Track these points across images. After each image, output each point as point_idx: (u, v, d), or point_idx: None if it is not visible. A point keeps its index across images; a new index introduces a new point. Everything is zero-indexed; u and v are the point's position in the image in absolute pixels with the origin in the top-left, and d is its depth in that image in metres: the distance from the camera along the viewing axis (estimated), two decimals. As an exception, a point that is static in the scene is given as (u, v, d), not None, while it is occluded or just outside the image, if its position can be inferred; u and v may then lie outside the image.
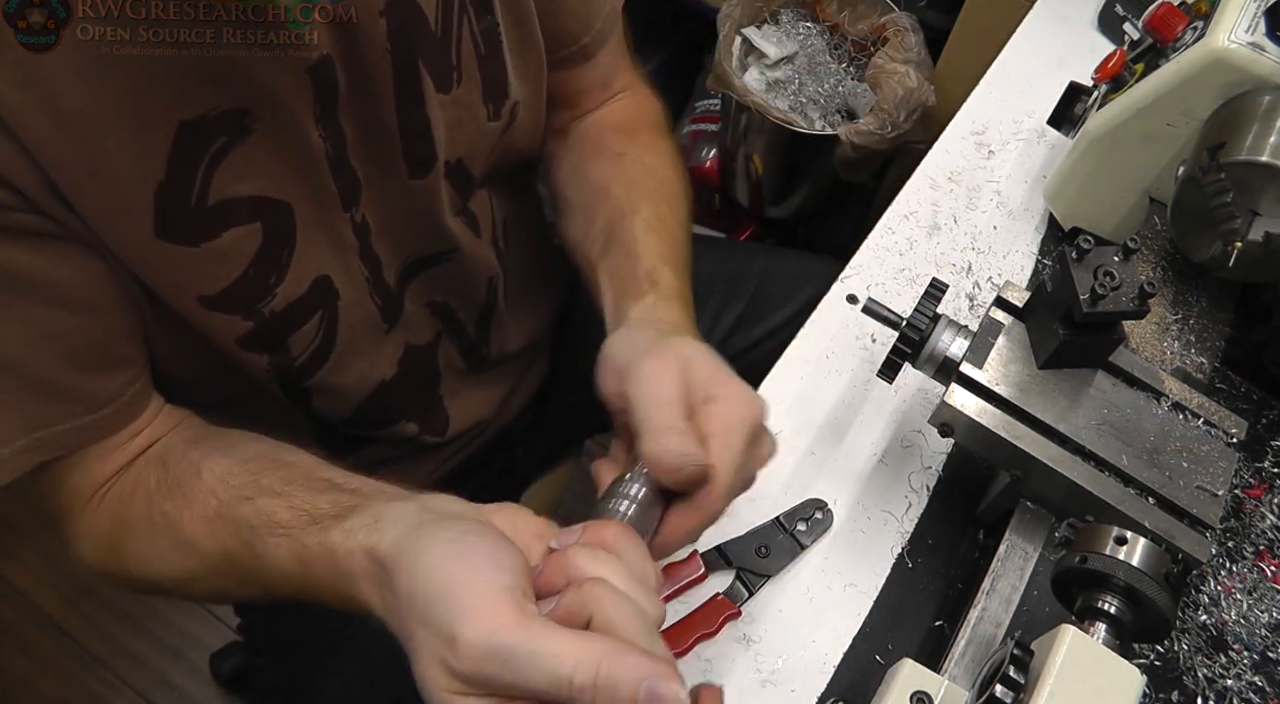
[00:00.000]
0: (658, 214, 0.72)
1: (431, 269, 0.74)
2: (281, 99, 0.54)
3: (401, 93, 0.60)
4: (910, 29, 1.50)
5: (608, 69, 0.80)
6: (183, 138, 0.52)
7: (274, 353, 0.65)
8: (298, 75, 0.54)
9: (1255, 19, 0.68)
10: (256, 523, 0.53)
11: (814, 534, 0.69)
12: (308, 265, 0.63)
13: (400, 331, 0.75)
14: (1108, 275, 0.58)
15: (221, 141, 0.54)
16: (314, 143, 0.58)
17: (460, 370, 0.85)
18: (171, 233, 0.54)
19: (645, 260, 0.67)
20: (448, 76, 0.63)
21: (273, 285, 0.61)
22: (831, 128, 1.56)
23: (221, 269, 0.58)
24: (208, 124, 0.52)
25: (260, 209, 0.58)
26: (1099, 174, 0.80)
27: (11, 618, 1.55)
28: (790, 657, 0.65)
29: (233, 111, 0.53)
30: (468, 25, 0.64)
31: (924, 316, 0.63)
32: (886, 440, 0.75)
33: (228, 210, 0.56)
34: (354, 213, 0.64)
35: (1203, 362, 0.71)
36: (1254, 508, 0.72)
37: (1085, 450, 0.60)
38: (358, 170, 0.62)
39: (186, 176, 0.53)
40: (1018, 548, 0.62)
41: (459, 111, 0.66)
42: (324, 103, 0.57)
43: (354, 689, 0.82)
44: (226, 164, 0.54)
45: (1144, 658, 0.64)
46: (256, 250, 0.59)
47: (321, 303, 0.66)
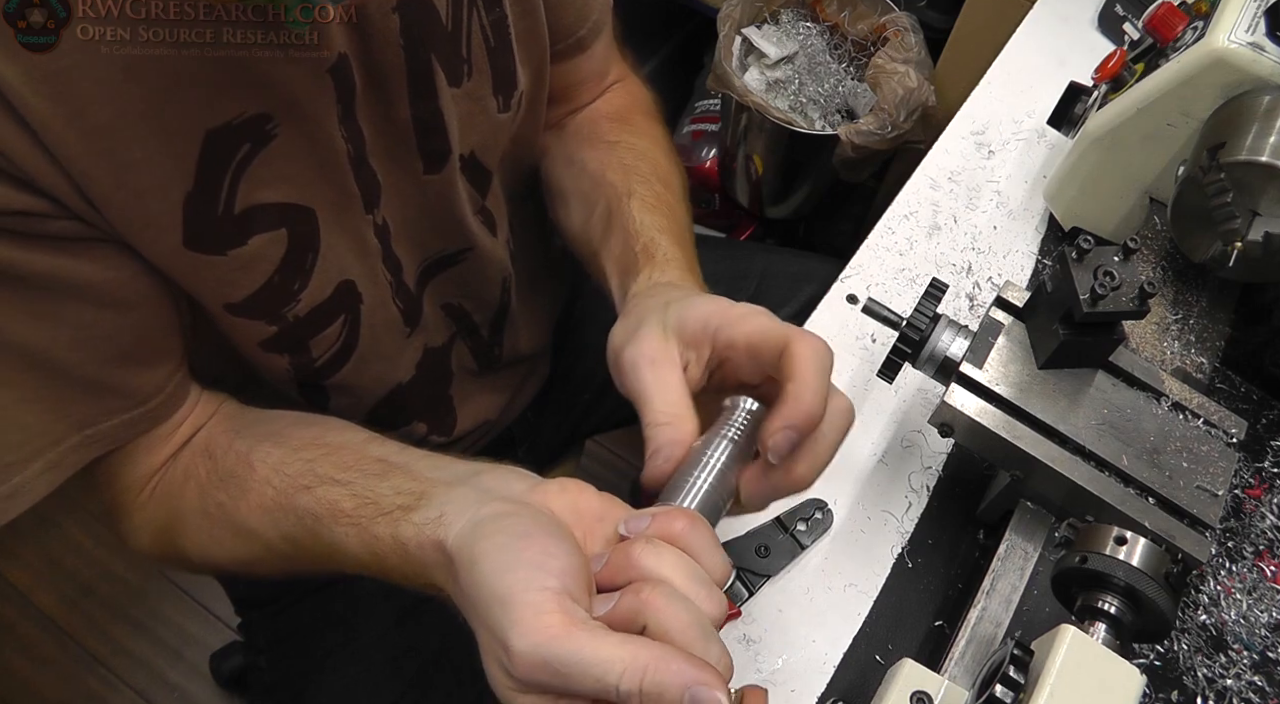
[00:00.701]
0: (653, 192, 0.72)
1: (449, 270, 0.74)
2: (303, 102, 0.54)
3: (415, 88, 0.60)
4: (910, 29, 1.50)
5: (602, 62, 0.81)
6: (210, 146, 0.52)
7: (295, 354, 0.66)
8: (320, 77, 0.54)
9: (1255, 19, 0.68)
10: (320, 512, 0.53)
11: (814, 534, 0.69)
12: (331, 270, 0.63)
13: (420, 334, 0.76)
14: (1108, 275, 0.58)
15: (246, 148, 0.54)
16: (337, 145, 0.58)
17: (472, 371, 0.85)
18: (200, 242, 0.54)
19: (642, 236, 0.67)
20: (459, 69, 0.63)
21: (297, 291, 0.61)
22: (831, 128, 1.56)
23: (247, 277, 0.58)
24: (232, 131, 0.52)
25: (286, 214, 0.58)
26: (1099, 174, 0.80)
27: (12, 618, 1.55)
28: (790, 657, 0.65)
29: (255, 117, 0.53)
30: (477, 18, 0.64)
31: (924, 316, 0.63)
32: (886, 440, 0.75)
33: (254, 217, 0.56)
34: (375, 215, 0.64)
35: (1203, 361, 0.71)
36: (1254, 508, 0.72)
37: (1085, 450, 0.60)
38: (376, 170, 0.62)
39: (214, 185, 0.53)
40: (1018, 548, 0.62)
41: (470, 104, 0.66)
42: (345, 103, 0.57)
43: (354, 689, 0.82)
44: (252, 170, 0.54)
45: (1144, 658, 0.64)
46: (282, 256, 0.59)
47: (344, 307, 0.66)
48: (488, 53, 0.65)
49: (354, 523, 0.52)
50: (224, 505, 0.58)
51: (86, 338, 0.53)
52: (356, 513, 0.52)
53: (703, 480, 0.49)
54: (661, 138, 0.81)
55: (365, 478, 0.54)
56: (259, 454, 0.58)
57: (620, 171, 0.74)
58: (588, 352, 1.02)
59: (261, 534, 0.57)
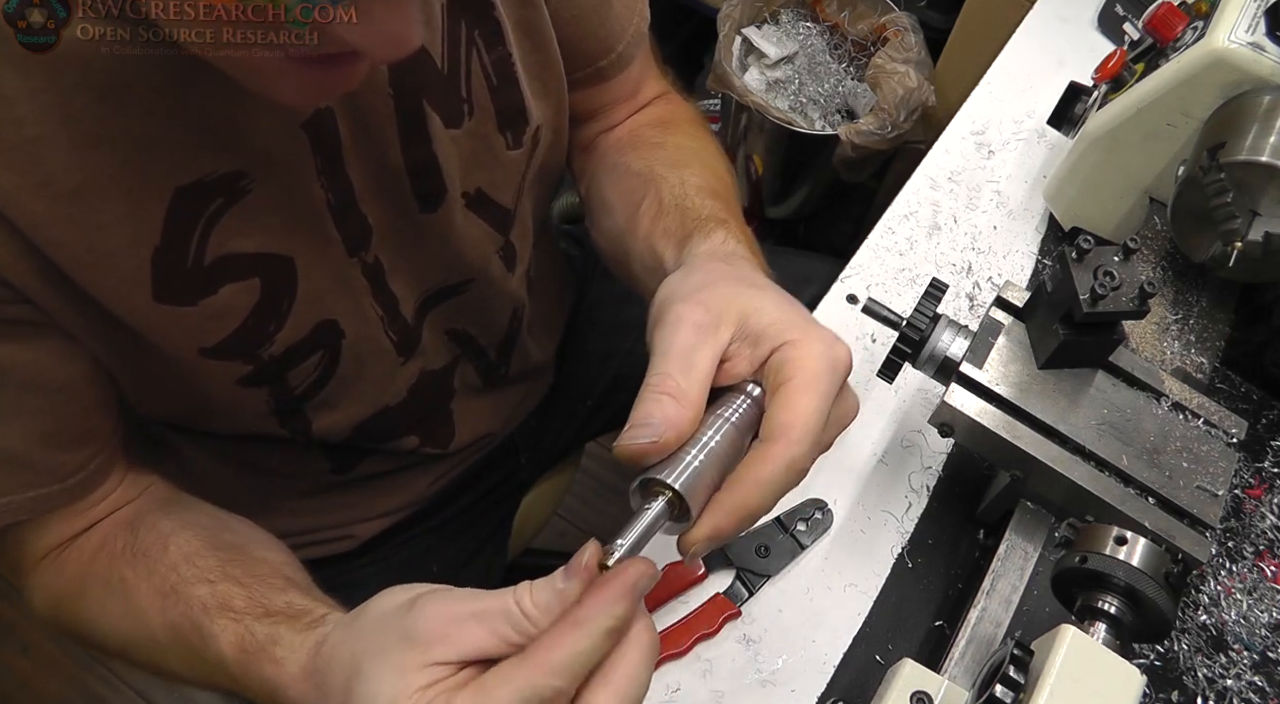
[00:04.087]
0: (708, 181, 0.69)
1: (452, 299, 0.73)
2: (278, 157, 0.54)
3: (406, 134, 0.60)
4: (910, 29, 1.50)
5: (634, 83, 0.78)
6: (178, 203, 0.51)
7: (275, 385, 0.65)
8: (293, 132, 0.54)
9: (1255, 19, 0.68)
10: (211, 605, 0.54)
11: (814, 534, 0.69)
12: (309, 312, 0.62)
13: (417, 360, 0.75)
14: (1108, 275, 0.58)
15: (219, 203, 0.53)
16: (315, 195, 0.57)
17: (477, 388, 0.84)
18: (169, 295, 0.54)
19: (704, 211, 0.64)
20: (457, 111, 0.62)
21: (272, 333, 0.61)
22: (831, 128, 1.56)
23: (219, 324, 0.58)
24: (203, 188, 0.52)
25: (259, 264, 0.57)
26: (1099, 174, 0.80)
27: (12, 618, 1.55)
28: (790, 657, 0.65)
29: (229, 175, 0.53)
30: (477, 58, 0.62)
31: (924, 316, 0.63)
32: (886, 440, 0.75)
33: (226, 267, 0.56)
34: (364, 255, 0.64)
35: (1203, 362, 0.71)
36: (1254, 508, 0.72)
37: (1085, 450, 0.60)
38: (368, 215, 0.62)
39: (183, 240, 0.53)
40: (1018, 548, 0.62)
41: (474, 143, 0.65)
42: (326, 155, 0.57)
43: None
44: (224, 223, 0.54)
45: (1144, 658, 0.64)
46: (255, 304, 0.58)
47: (324, 344, 0.65)
48: (490, 91, 0.64)
49: (237, 619, 0.52)
50: (126, 581, 0.58)
51: (11, 416, 0.53)
52: (243, 610, 0.52)
53: (697, 459, 0.44)
54: (710, 142, 0.78)
55: (268, 588, 0.54)
56: (178, 540, 0.58)
57: (670, 166, 0.70)
58: (591, 357, 1.01)
59: (148, 619, 0.56)
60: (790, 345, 0.47)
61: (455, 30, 0.60)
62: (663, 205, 0.66)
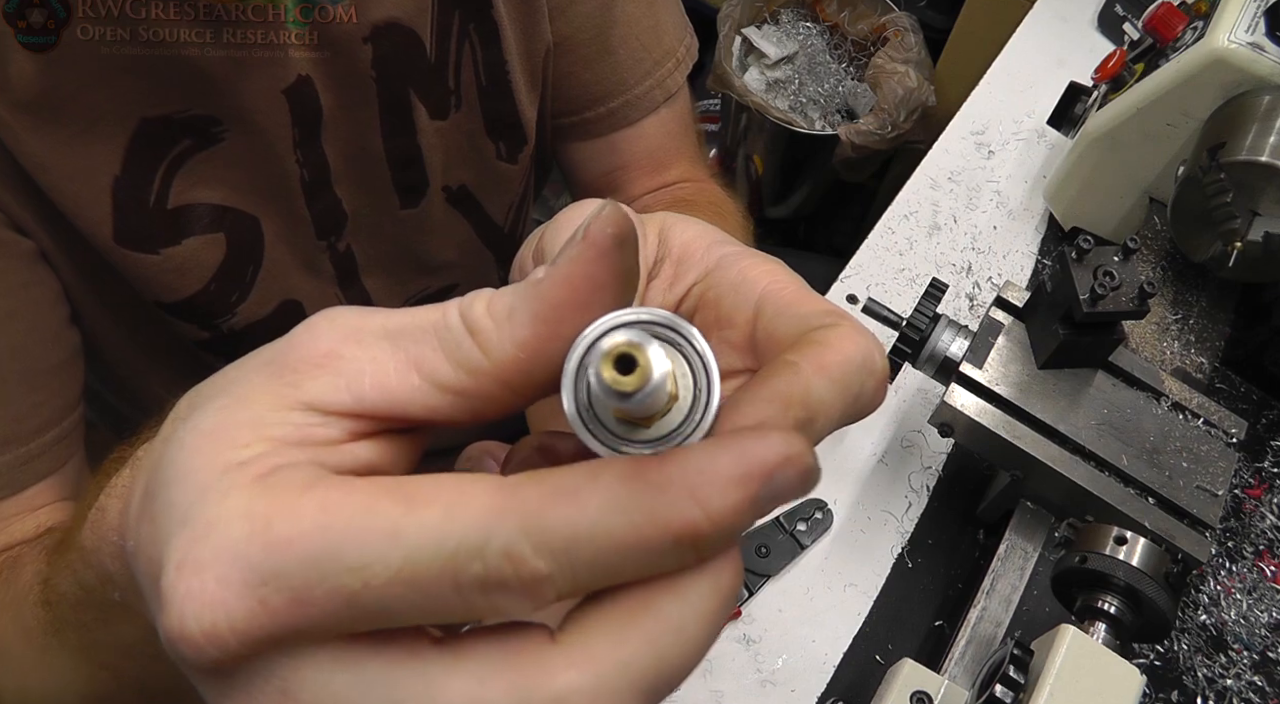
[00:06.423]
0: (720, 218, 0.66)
1: None
2: (255, 117, 0.54)
3: (389, 121, 0.59)
4: (910, 29, 1.50)
5: (652, 152, 0.72)
6: (142, 134, 0.51)
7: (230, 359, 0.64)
8: (274, 96, 0.54)
9: (1255, 19, 0.68)
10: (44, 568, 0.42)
11: (814, 534, 0.69)
12: (274, 287, 0.61)
13: None
14: (1108, 275, 0.58)
15: (186, 144, 0.53)
16: (289, 169, 0.57)
17: None
18: (131, 238, 0.53)
19: None
20: (444, 102, 0.62)
21: (234, 303, 0.60)
22: (831, 128, 1.56)
23: (181, 280, 0.57)
24: (171, 124, 0.52)
25: (224, 219, 0.57)
26: (1099, 174, 0.80)
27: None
28: (790, 657, 0.65)
29: (202, 117, 0.52)
30: (470, 52, 0.62)
31: (924, 316, 0.63)
32: (886, 440, 0.75)
33: (189, 216, 0.55)
34: (335, 242, 0.63)
35: (1203, 362, 0.71)
36: (1254, 508, 0.72)
37: (1085, 450, 0.60)
38: (343, 199, 0.61)
39: (145, 175, 0.53)
40: (1018, 548, 0.62)
41: (459, 136, 0.64)
42: (304, 127, 0.56)
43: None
44: (190, 167, 0.54)
45: (1144, 658, 0.64)
46: (219, 263, 0.58)
47: (286, 327, 0.64)
48: (479, 90, 0.63)
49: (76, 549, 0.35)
50: None
51: None
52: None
53: None
54: (734, 207, 0.72)
55: None
56: None
57: (683, 207, 0.66)
58: None
59: None
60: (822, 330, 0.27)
61: (446, 21, 0.60)
62: None
